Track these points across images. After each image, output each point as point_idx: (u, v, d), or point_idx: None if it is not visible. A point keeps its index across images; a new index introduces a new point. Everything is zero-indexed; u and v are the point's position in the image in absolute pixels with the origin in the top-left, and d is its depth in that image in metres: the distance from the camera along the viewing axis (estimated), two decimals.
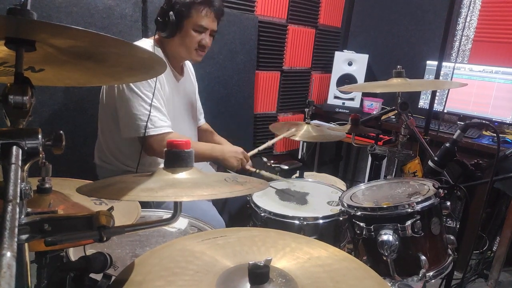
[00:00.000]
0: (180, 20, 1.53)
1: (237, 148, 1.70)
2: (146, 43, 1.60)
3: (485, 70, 2.64)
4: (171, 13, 1.50)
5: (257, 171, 1.72)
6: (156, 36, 1.63)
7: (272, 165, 1.78)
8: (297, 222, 1.42)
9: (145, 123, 1.48)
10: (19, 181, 0.51)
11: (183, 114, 1.76)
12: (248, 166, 1.70)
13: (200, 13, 1.54)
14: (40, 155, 0.58)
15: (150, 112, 1.48)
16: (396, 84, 1.50)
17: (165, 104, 1.58)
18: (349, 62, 3.10)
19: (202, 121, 2.02)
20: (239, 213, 1.77)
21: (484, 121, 2.47)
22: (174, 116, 1.67)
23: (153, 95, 1.49)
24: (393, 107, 1.66)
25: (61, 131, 0.61)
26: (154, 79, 1.49)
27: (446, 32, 2.41)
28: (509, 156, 1.50)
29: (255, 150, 1.77)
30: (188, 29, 1.55)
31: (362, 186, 1.46)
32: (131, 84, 1.47)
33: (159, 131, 1.50)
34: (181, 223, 1.26)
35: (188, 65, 1.87)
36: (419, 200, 1.16)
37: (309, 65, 3.26)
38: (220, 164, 1.72)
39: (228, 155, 1.65)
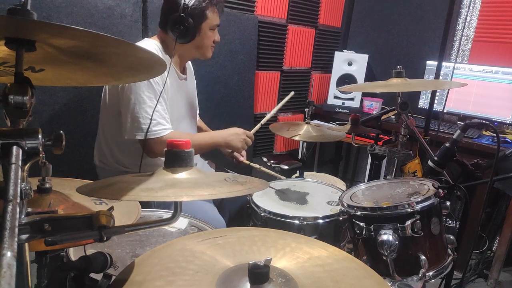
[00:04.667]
0: (199, 24, 1.56)
1: (237, 129, 1.69)
2: (150, 44, 1.60)
3: (485, 70, 2.64)
4: (190, 19, 1.52)
5: (259, 167, 1.72)
6: (157, 37, 1.63)
7: (272, 165, 1.78)
8: (297, 222, 1.42)
9: (146, 126, 1.48)
10: (19, 181, 0.51)
11: (184, 113, 1.76)
12: (242, 158, 1.69)
13: (214, 13, 1.59)
14: (40, 155, 0.58)
15: (152, 116, 1.48)
16: (396, 84, 1.50)
17: (168, 105, 1.58)
18: (349, 62, 3.10)
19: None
20: (239, 213, 1.77)
21: (484, 121, 2.47)
22: (177, 116, 1.67)
23: (158, 100, 1.49)
24: (393, 107, 1.66)
25: (61, 131, 0.61)
26: (159, 81, 1.50)
27: (446, 32, 2.41)
28: (509, 156, 1.50)
29: (258, 126, 1.76)
30: (206, 31, 1.59)
31: (362, 186, 1.46)
32: (133, 86, 1.47)
33: (159, 134, 1.51)
34: (181, 223, 1.26)
35: (188, 63, 1.87)
36: (419, 200, 1.16)
37: (309, 65, 3.26)
38: (225, 150, 1.71)
39: (230, 138, 1.65)
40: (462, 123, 1.38)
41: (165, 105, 1.55)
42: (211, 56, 1.72)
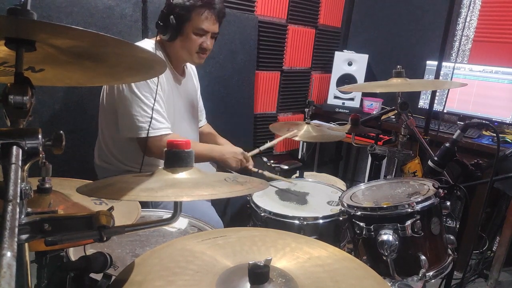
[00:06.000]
0: (181, 23, 1.52)
1: (237, 148, 1.70)
2: (148, 44, 1.60)
3: (485, 70, 2.64)
4: (171, 16, 1.50)
5: (259, 171, 1.72)
6: (158, 38, 1.63)
7: (272, 165, 1.77)
8: (297, 222, 1.42)
9: (143, 125, 1.48)
10: (19, 181, 0.51)
11: (183, 115, 1.76)
12: (251, 166, 1.70)
13: (200, 16, 1.53)
14: (40, 155, 0.58)
15: (151, 114, 1.48)
16: (396, 84, 1.50)
17: (165, 105, 1.58)
18: (349, 62, 3.10)
19: (203, 122, 2.02)
20: (239, 213, 1.77)
21: (484, 121, 2.47)
22: (175, 117, 1.67)
23: (155, 99, 1.49)
24: (393, 107, 1.66)
25: (61, 131, 0.61)
26: (155, 81, 1.50)
27: (446, 32, 2.41)
28: (509, 156, 1.50)
29: (256, 150, 1.76)
30: (189, 33, 1.55)
31: (362, 186, 1.46)
32: (131, 85, 1.48)
33: (157, 133, 1.51)
34: (181, 223, 1.26)
35: (190, 65, 1.86)
36: (419, 200, 1.16)
37: (309, 65, 3.26)
38: (220, 165, 1.72)
39: (227, 156, 1.65)
40: (462, 123, 1.38)
41: (162, 104, 1.55)
42: (211, 57, 1.72)
